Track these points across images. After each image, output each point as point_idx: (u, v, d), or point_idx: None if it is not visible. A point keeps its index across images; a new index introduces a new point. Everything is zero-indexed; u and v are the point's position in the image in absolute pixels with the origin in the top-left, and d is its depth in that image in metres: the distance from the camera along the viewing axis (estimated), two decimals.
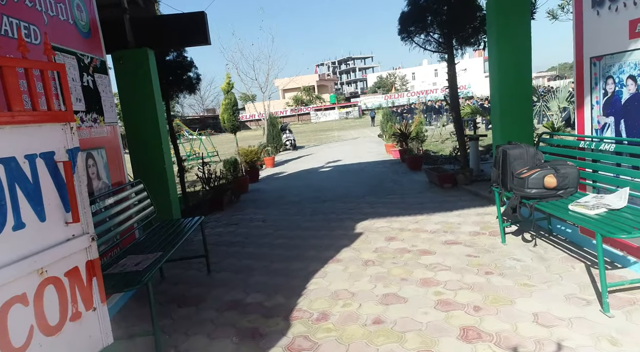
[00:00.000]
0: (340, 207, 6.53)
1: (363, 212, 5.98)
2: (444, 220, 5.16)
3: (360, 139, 20.56)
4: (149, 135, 5.14)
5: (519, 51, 4.94)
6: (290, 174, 11.03)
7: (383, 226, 5.18)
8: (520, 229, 4.41)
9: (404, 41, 6.82)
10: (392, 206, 6.20)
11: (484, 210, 5.38)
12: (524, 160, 3.79)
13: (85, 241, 2.17)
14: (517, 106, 5.06)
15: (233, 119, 11.01)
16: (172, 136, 7.13)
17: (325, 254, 4.37)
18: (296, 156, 15.43)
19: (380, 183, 8.21)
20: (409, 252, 4.18)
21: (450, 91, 6.77)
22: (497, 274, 3.44)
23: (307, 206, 6.87)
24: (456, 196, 6.37)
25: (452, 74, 6.65)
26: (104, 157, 3.62)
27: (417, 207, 5.94)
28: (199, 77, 6.98)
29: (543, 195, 3.44)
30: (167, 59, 6.66)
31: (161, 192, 5.20)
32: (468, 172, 6.63)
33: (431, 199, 6.40)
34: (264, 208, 7.11)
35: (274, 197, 8.08)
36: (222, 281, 3.95)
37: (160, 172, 5.19)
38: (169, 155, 5.38)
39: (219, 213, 7.03)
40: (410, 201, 6.45)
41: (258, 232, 5.56)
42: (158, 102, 5.19)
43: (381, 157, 12.17)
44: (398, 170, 9.50)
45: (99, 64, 3.68)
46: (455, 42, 6.64)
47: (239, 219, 6.50)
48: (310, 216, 6.19)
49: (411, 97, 58.52)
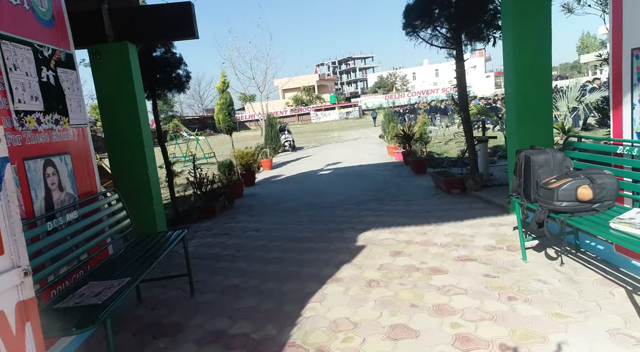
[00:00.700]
0: (341, 214, 6.06)
1: (365, 222, 5.50)
2: (455, 231, 4.68)
3: (361, 140, 20.09)
4: (130, 137, 4.67)
5: (539, 43, 4.47)
6: (288, 177, 10.56)
7: (387, 238, 4.70)
8: (542, 244, 3.93)
9: (409, 36, 6.35)
10: (396, 214, 5.72)
11: (498, 220, 4.91)
12: (550, 167, 3.32)
13: (14, 276, 1.70)
14: (536, 106, 4.59)
15: (229, 119, 10.55)
16: (160, 138, 6.66)
17: (324, 272, 3.90)
18: (295, 158, 14.96)
19: (383, 188, 7.73)
20: (418, 270, 3.70)
21: (459, 90, 6.30)
22: (522, 300, 2.96)
23: (305, 213, 6.40)
24: (466, 203, 5.90)
25: (460, 71, 6.18)
26: (68, 165, 3.15)
27: (424, 216, 5.46)
28: (188, 75, 6.51)
29: (576, 209, 2.97)
30: (155, 56, 6.19)
31: (144, 200, 4.74)
32: (478, 177, 6.16)
33: (438, 206, 5.93)
34: (259, 215, 6.64)
35: (270, 202, 7.61)
36: (206, 304, 3.48)
37: (142, 178, 4.72)
38: (152, 160, 4.91)
39: (210, 221, 6.56)
40: (416, 208, 5.97)
41: (250, 244, 5.08)
42: (140, 102, 4.72)
43: (383, 159, 11.70)
44: (401, 174, 9.02)
45: (63, 58, 3.21)
46: (464, 37, 6.16)
47: (231, 227, 6.03)
48: (307, 224, 5.72)
49: (412, 97, 58.09)
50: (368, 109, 58.15)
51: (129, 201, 4.70)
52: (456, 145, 13.76)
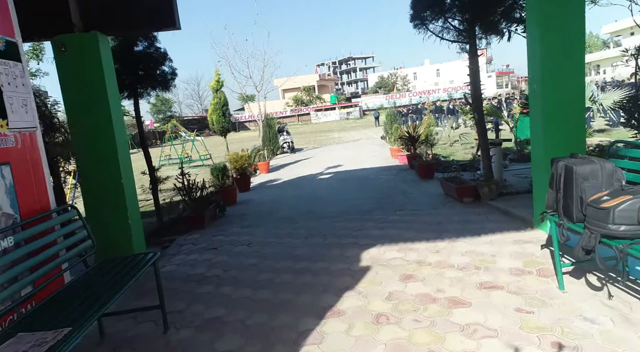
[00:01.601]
0: (342, 226, 5.46)
1: (369, 235, 4.91)
2: (473, 249, 4.09)
3: (362, 141, 19.50)
4: (101, 142, 4.08)
5: (570, 30, 3.87)
6: (285, 181, 9.96)
7: (395, 257, 4.10)
8: (580, 269, 3.33)
9: (417, 29, 5.76)
10: (404, 227, 5.13)
11: (521, 236, 4.31)
12: (598, 181, 2.72)
13: None
14: (566, 105, 3.99)
15: (223, 120, 9.95)
16: (143, 141, 6.06)
17: (323, 301, 3.31)
18: (293, 160, 14.37)
19: (387, 195, 7.13)
20: (435, 301, 3.10)
21: (472, 88, 5.71)
22: (570, 349, 2.37)
23: (303, 224, 5.80)
24: (481, 213, 5.30)
25: (474, 68, 5.59)
26: (6, 178, 2.55)
27: (435, 229, 4.87)
28: (174, 72, 5.92)
29: (638, 234, 2.37)
30: (136, 51, 5.61)
31: (117, 215, 4.14)
32: (494, 185, 5.56)
33: (450, 217, 5.33)
34: (252, 226, 6.04)
35: (265, 211, 7.01)
36: (180, 345, 2.88)
37: (115, 190, 4.12)
38: (128, 167, 4.31)
39: (198, 232, 5.96)
40: (425, 219, 5.38)
41: (240, 263, 4.49)
42: (114, 101, 4.13)
43: (386, 163, 11.09)
44: (407, 179, 8.42)
45: (2, 46, 2.62)
46: (478, 30, 5.57)
47: (220, 241, 5.43)
48: (305, 238, 5.12)
49: (413, 97, 57.54)
50: (369, 109, 57.60)
51: (99, 217, 4.15)
52: (462, 147, 13.16)
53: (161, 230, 6.08)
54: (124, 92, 5.55)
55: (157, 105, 58.38)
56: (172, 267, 4.58)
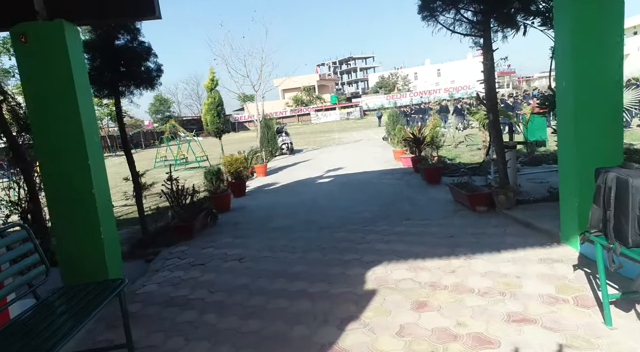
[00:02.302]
0: (343, 238, 4.95)
1: (374, 250, 4.40)
2: (493, 269, 3.58)
3: (363, 142, 18.98)
4: (68, 145, 3.57)
5: (606, 17, 3.37)
6: (283, 185, 9.45)
7: (405, 278, 3.59)
8: (627, 299, 2.82)
9: (426, 21, 5.25)
10: (412, 239, 4.62)
11: (548, 253, 3.79)
12: None
13: None
14: (602, 104, 3.48)
15: (218, 120, 9.43)
16: (125, 143, 5.55)
17: (321, 336, 2.80)
18: (292, 162, 13.85)
19: (392, 202, 6.62)
20: (456, 339, 2.59)
21: (487, 87, 5.19)
22: None
23: (300, 236, 5.29)
24: (497, 225, 4.78)
25: (489, 64, 5.07)
26: None
27: (447, 243, 4.36)
28: (160, 68, 5.41)
29: None
30: (117, 45, 5.10)
31: (88, 232, 3.63)
32: (511, 193, 5.05)
33: (463, 228, 4.82)
34: (245, 237, 5.53)
35: (260, 218, 6.50)
36: None
37: (85, 202, 3.61)
38: (101, 175, 3.80)
39: (186, 244, 5.45)
40: (435, 230, 4.87)
41: (229, 282, 3.98)
42: (84, 99, 3.63)
43: (389, 165, 10.57)
44: (412, 183, 7.90)
45: None
46: (494, 22, 5.06)
47: (209, 254, 4.92)
48: (302, 252, 4.61)
49: (414, 97, 57.04)
50: (369, 109, 57.13)
51: (66, 235, 3.63)
52: (467, 149, 12.66)
53: (146, 241, 5.57)
54: (103, 90, 5.05)
55: (155, 105, 57.91)
56: (152, 287, 4.07)
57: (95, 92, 5.01)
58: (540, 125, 10.39)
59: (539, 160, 8.59)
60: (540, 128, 10.35)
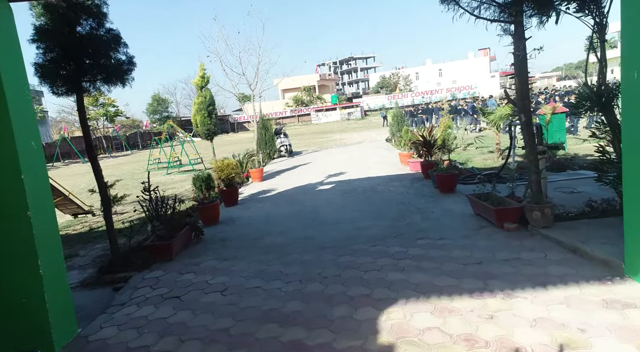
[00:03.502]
0: (347, 263, 4.14)
1: (387, 281, 3.59)
2: (544, 314, 2.77)
3: (365, 144, 18.15)
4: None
5: None
6: (280, 193, 8.62)
7: (430, 327, 2.78)
8: None
9: (446, 5, 4.45)
10: (432, 266, 3.81)
11: (612, 292, 2.98)
12: None
13: None
14: None
15: (209, 121, 8.60)
16: (90, 149, 4.73)
17: None
18: (291, 166, 13.04)
19: (402, 215, 5.80)
20: None
21: (518, 82, 4.37)
22: None
23: (297, 258, 4.48)
24: (534, 249, 3.96)
25: (522, 55, 4.26)
26: None
27: (476, 273, 3.55)
28: (132, 61, 4.59)
29: None
30: (79, 32, 4.29)
31: (22, 271, 2.82)
32: (548, 208, 4.23)
33: (492, 252, 4.00)
34: (232, 258, 4.72)
35: (252, 234, 5.68)
36: None
37: (19, 230, 2.79)
38: (42, 192, 2.99)
39: (163, 267, 4.65)
40: (458, 254, 4.05)
41: (205, 325, 3.17)
42: (15, 95, 2.82)
43: (395, 170, 9.74)
44: (423, 192, 7.08)
45: None
46: (527, 6, 4.25)
47: (187, 282, 4.11)
48: (299, 283, 3.80)
49: (415, 97, 56.21)
50: (370, 110, 56.27)
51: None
52: (477, 151, 11.84)
53: (117, 263, 4.76)
54: (61, 86, 4.24)
55: (153, 105, 57.03)
56: (110, 332, 3.25)
57: (51, 89, 4.21)
58: (560, 126, 9.58)
59: (562, 165, 7.78)
60: (559, 130, 9.54)
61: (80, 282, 4.64)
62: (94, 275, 4.76)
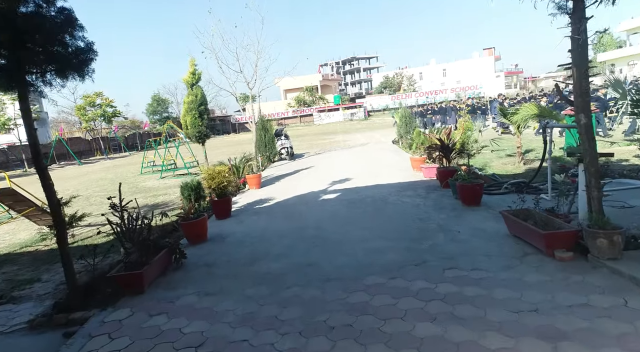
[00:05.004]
0: (361, 306, 3.23)
1: (417, 340, 2.68)
2: None
3: (370, 146, 17.22)
4: None
5: None
6: (279, 203, 7.71)
7: None
8: None
9: None
10: (472, 314, 2.90)
11: None
12: None
13: None
14: None
15: (200, 123, 7.70)
16: (37, 157, 3.83)
17: None
18: (292, 170, 12.12)
19: (422, 234, 4.88)
20: None
21: (576, 74, 3.46)
22: None
23: (296, 294, 3.58)
24: (604, 289, 3.04)
25: (582, 38, 3.34)
26: None
27: (536, 326, 2.64)
28: (91, 48, 3.71)
29: None
30: (22, 12, 3.40)
31: None
32: (617, 235, 3.30)
33: (548, 292, 3.09)
34: (217, 293, 3.82)
35: (243, 258, 4.78)
36: None
37: None
38: None
39: (130, 303, 3.76)
40: (502, 294, 3.14)
41: None
42: None
43: (407, 177, 8.80)
44: (442, 204, 6.14)
45: None
46: None
47: (155, 331, 3.21)
48: (299, 335, 2.90)
49: (419, 97, 55.22)
50: (373, 110, 55.32)
51: None
52: (494, 155, 10.90)
53: (75, 299, 3.87)
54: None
55: (152, 105, 56.22)
56: None
57: None
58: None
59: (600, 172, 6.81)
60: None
61: (28, 323, 3.76)
62: (47, 313, 3.87)
